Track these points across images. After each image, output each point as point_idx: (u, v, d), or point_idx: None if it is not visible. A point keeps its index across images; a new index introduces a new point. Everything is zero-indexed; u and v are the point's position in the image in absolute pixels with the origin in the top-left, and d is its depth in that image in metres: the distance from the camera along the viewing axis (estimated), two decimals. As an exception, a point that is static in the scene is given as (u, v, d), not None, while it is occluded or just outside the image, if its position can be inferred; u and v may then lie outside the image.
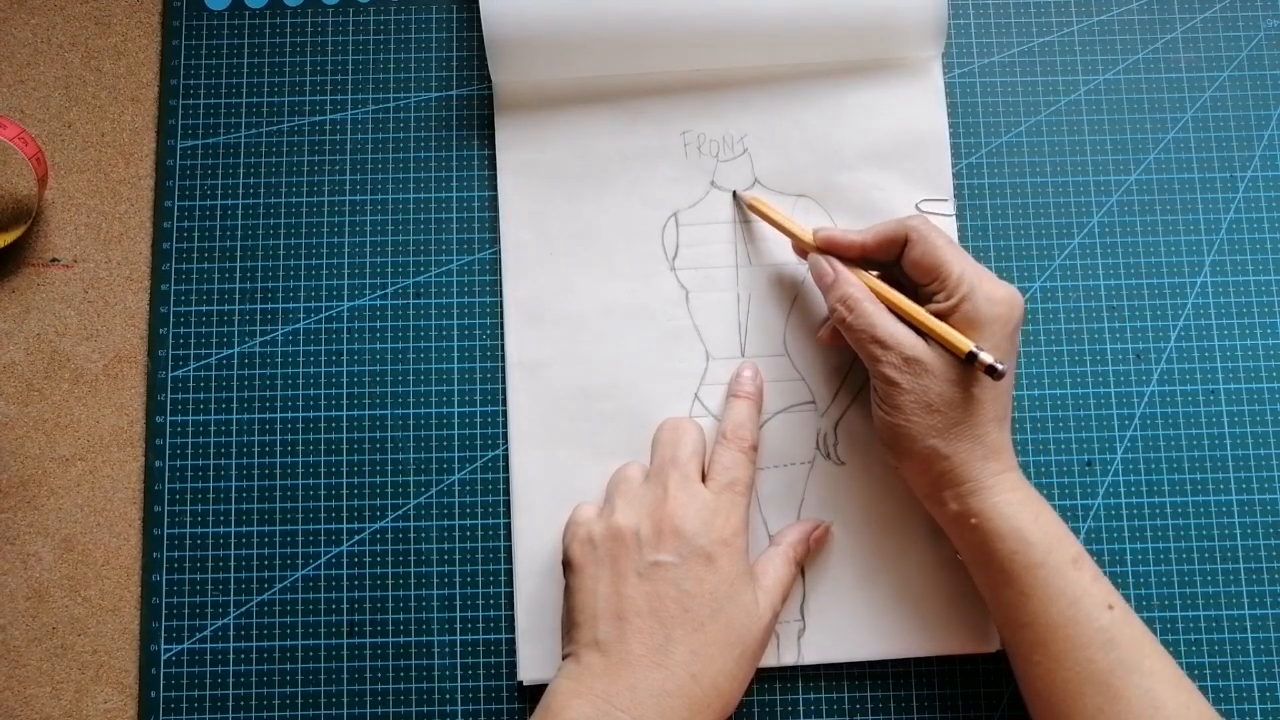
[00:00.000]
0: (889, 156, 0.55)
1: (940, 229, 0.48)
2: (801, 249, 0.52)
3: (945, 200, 0.55)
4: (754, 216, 0.54)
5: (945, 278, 0.47)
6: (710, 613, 0.45)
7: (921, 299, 0.48)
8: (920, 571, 0.52)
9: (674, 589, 0.44)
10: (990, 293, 0.47)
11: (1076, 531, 0.52)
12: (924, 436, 0.46)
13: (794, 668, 0.51)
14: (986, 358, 0.45)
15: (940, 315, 0.47)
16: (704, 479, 0.49)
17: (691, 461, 0.49)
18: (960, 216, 0.55)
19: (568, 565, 0.48)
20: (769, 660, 0.51)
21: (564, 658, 0.46)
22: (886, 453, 0.49)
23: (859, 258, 0.50)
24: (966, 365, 0.46)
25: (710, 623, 0.44)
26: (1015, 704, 0.51)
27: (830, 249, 0.50)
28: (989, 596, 0.48)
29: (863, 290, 0.48)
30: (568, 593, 0.47)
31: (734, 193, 0.55)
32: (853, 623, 0.51)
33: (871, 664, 0.52)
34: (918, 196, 0.55)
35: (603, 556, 0.46)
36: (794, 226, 0.52)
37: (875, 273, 0.50)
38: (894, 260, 0.49)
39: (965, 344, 0.46)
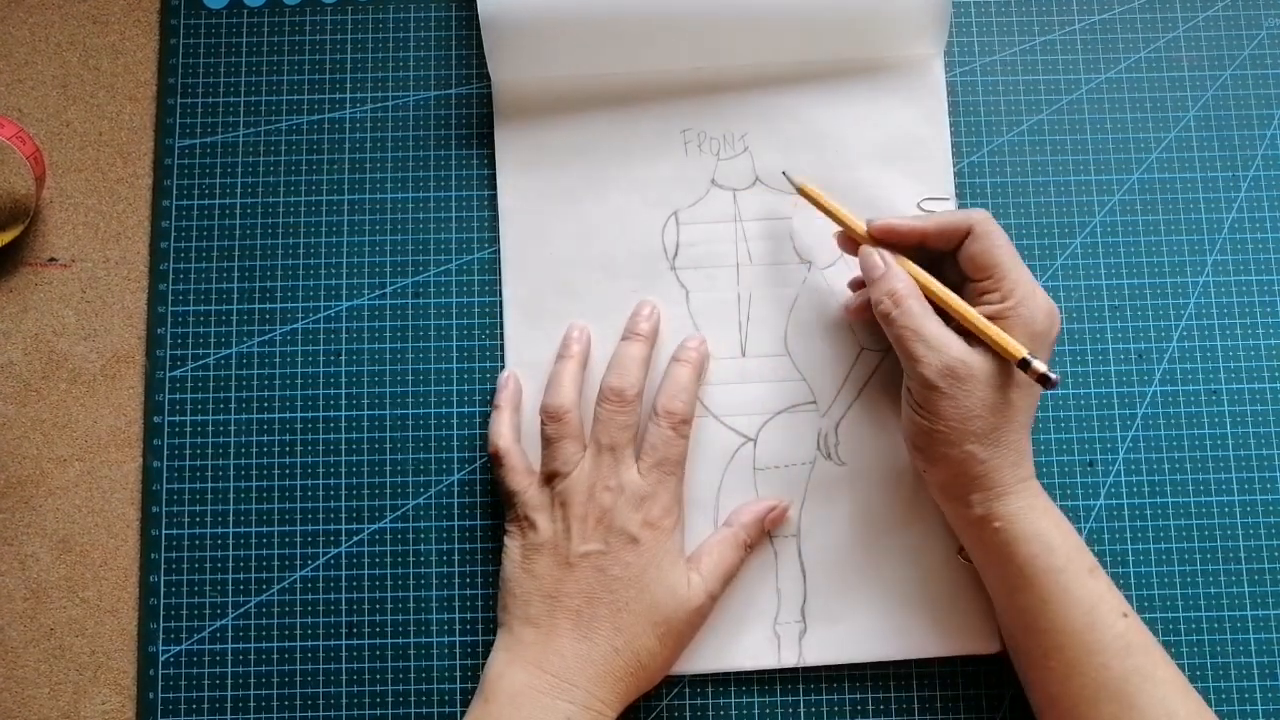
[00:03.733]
0: (890, 155, 0.55)
1: (1002, 229, 0.48)
2: (848, 240, 0.51)
3: (946, 200, 0.55)
4: (767, 213, 0.54)
5: (1001, 278, 0.46)
6: (635, 593, 0.47)
7: (968, 295, 0.48)
8: (921, 572, 0.52)
9: (601, 575, 0.47)
10: (1040, 304, 0.46)
11: (1078, 532, 0.52)
12: (962, 441, 0.46)
13: (795, 669, 0.51)
14: (1040, 366, 0.45)
15: (988, 317, 0.46)
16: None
17: (624, 446, 0.49)
18: (962, 216, 0.55)
19: (510, 540, 0.50)
20: (769, 661, 0.51)
21: (499, 625, 0.49)
22: (914, 455, 0.48)
23: (916, 246, 0.49)
24: (1020, 370, 0.45)
25: (634, 602, 0.47)
26: (1016, 706, 0.51)
27: (887, 238, 0.49)
28: (1003, 601, 0.47)
29: (911, 287, 0.47)
30: (509, 563, 0.49)
31: (783, 172, 0.54)
32: (854, 624, 0.51)
33: (872, 665, 0.52)
34: (919, 195, 0.55)
35: (542, 543, 0.49)
36: (846, 216, 0.51)
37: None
38: (950, 251, 0.49)
39: (1019, 350, 0.45)
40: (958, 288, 0.48)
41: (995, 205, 0.55)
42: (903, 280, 0.47)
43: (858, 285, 0.53)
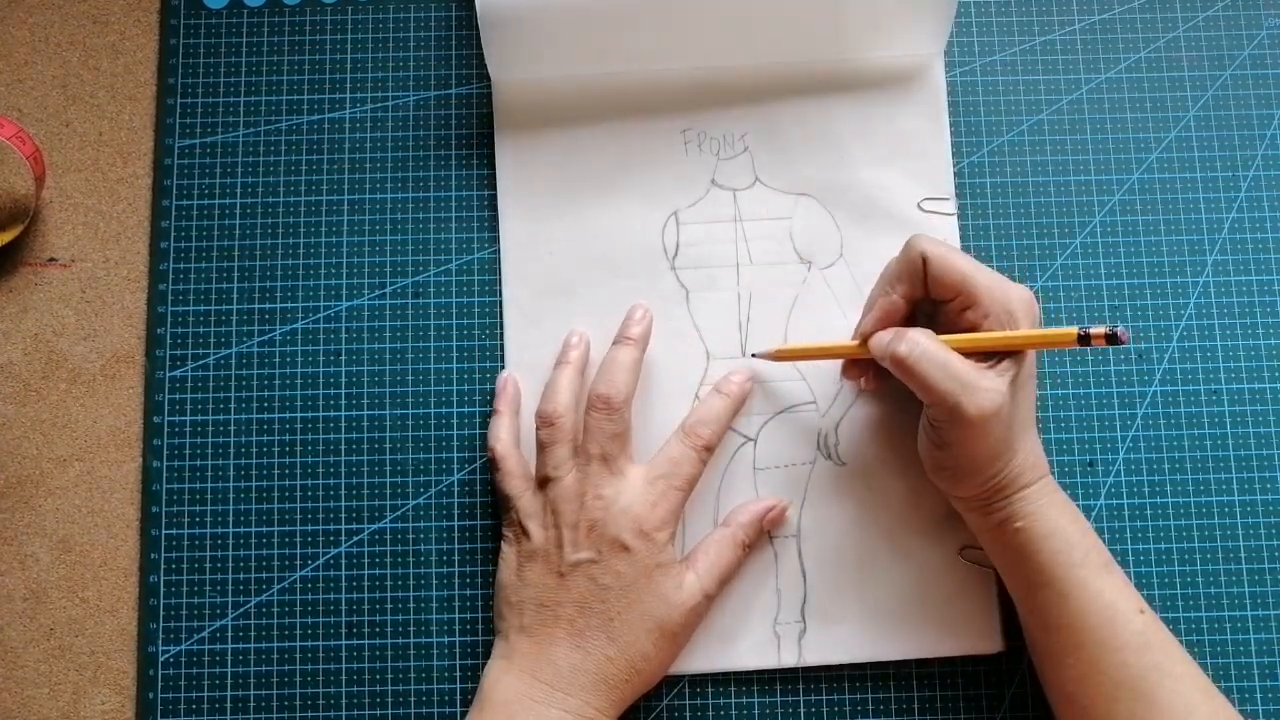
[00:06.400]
0: (890, 155, 0.55)
1: (945, 242, 0.47)
2: (853, 365, 0.51)
3: (946, 199, 0.55)
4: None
5: (972, 289, 0.46)
6: (627, 602, 0.48)
7: (947, 317, 0.47)
8: (922, 572, 0.52)
9: (593, 584, 0.48)
10: (1014, 296, 0.46)
11: (1078, 532, 0.52)
12: (985, 467, 0.46)
13: (794, 669, 0.51)
14: (1099, 328, 0.43)
15: (974, 329, 0.46)
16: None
17: (615, 454, 0.49)
18: (962, 216, 0.55)
19: (506, 546, 0.50)
20: (769, 661, 0.51)
21: (496, 632, 0.50)
22: (939, 480, 0.48)
23: (910, 313, 0.48)
24: (1081, 346, 0.44)
25: (627, 611, 0.47)
26: (1016, 705, 0.51)
27: (881, 327, 0.48)
28: (1023, 599, 0.47)
29: (928, 334, 0.46)
30: (504, 569, 0.50)
31: (751, 354, 0.53)
32: (854, 624, 0.51)
33: (872, 665, 0.52)
34: (919, 195, 0.55)
35: (534, 550, 0.49)
36: (835, 345, 0.51)
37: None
38: (925, 292, 0.47)
39: (1069, 330, 0.44)
40: (931, 319, 0.48)
41: (995, 205, 0.55)
42: (920, 332, 0.46)
43: (854, 375, 0.52)
